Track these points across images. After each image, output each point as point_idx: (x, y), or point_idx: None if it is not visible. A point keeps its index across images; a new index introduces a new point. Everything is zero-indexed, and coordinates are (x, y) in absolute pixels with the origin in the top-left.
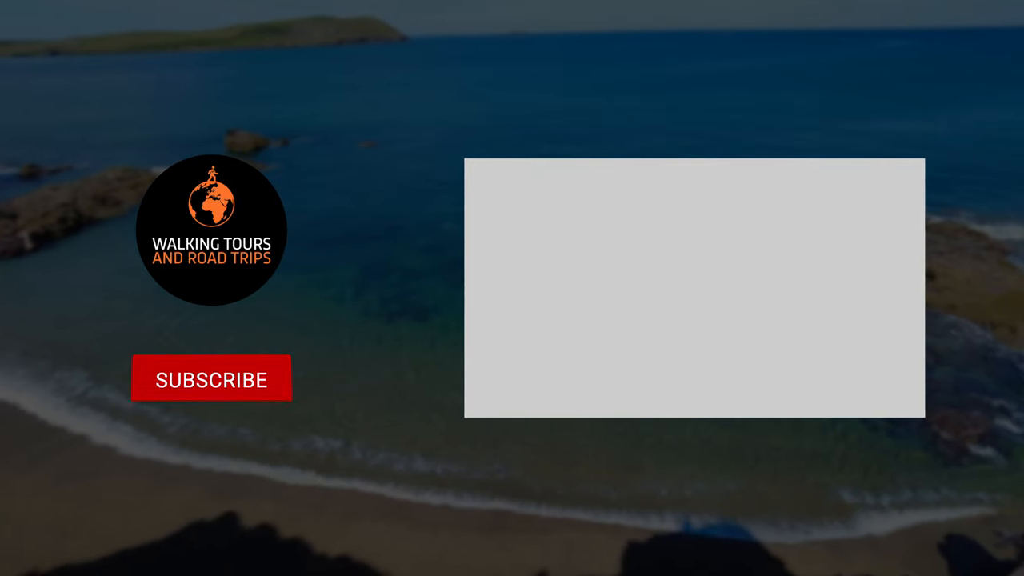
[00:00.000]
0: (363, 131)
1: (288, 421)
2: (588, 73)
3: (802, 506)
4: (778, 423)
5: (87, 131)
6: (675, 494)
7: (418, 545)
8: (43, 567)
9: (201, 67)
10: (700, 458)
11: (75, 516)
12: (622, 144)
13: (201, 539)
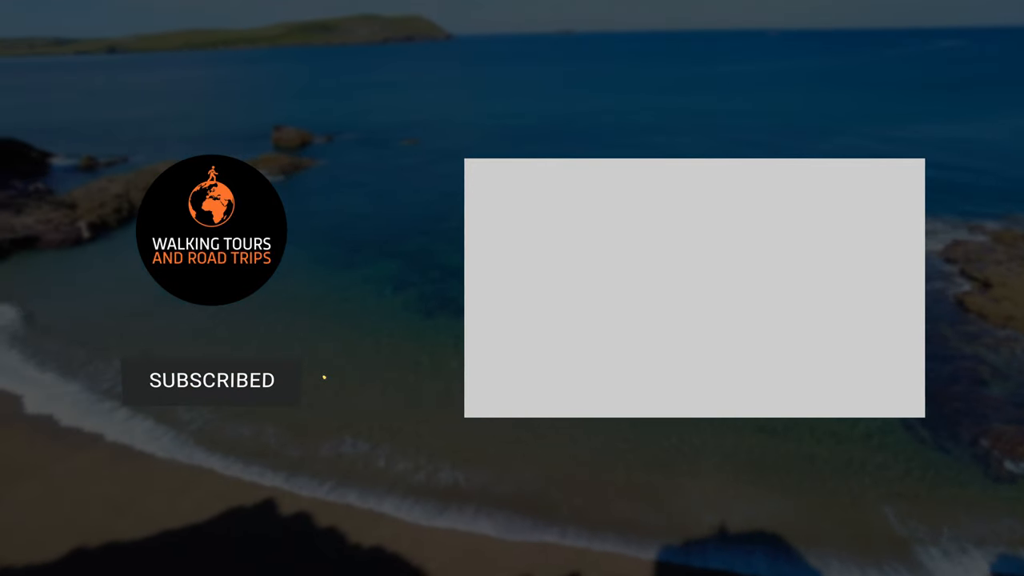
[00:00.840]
0: (406, 129)
1: (324, 418)
2: (648, 71)
3: (854, 538)
4: (815, 429)
5: (142, 125)
6: (716, 519)
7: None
8: (92, 543)
9: (251, 64)
10: (739, 472)
11: (125, 496)
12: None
13: (238, 526)
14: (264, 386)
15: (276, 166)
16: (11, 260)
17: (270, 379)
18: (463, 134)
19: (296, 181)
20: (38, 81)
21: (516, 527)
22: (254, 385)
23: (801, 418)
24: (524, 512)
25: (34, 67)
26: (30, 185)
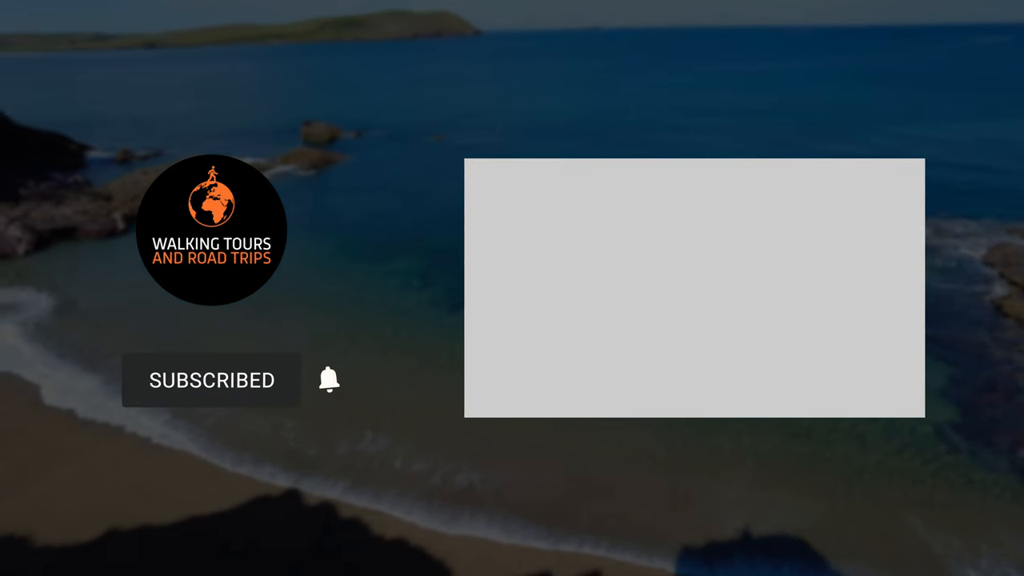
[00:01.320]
0: (433, 125)
1: (342, 415)
2: (677, 67)
3: (886, 552)
4: (844, 433)
5: (176, 120)
6: (741, 527)
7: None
8: (123, 526)
9: (283, 59)
10: (765, 477)
11: (154, 482)
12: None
13: (265, 511)
14: (264, 386)
15: (306, 161)
16: (51, 250)
17: (270, 379)
18: (490, 131)
19: (324, 176)
20: (79, 76)
21: (531, 533)
22: (254, 385)
23: (829, 422)
24: (540, 518)
25: (75, 62)
26: (69, 177)
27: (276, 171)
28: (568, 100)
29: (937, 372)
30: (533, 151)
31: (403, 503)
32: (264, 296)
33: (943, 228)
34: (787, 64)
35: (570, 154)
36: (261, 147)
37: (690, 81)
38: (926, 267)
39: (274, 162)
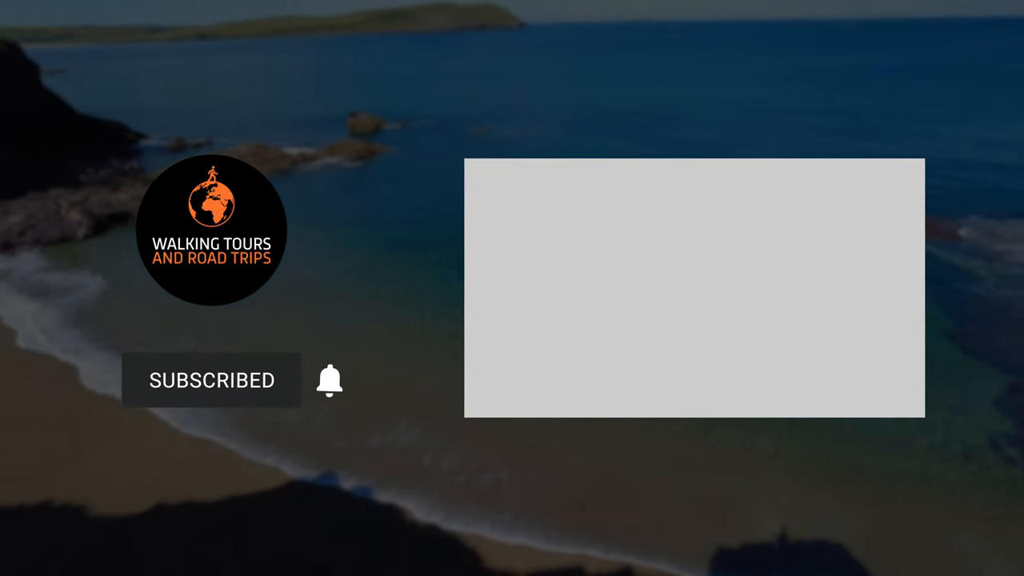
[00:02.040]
0: (477, 117)
1: (371, 408)
2: (723, 62)
3: (933, 571)
4: (880, 435)
5: (227, 109)
6: (778, 535)
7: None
8: (170, 502)
9: (331, 50)
10: (804, 483)
11: (201, 460)
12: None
13: (277, 512)
14: (264, 387)
15: (351, 152)
16: (108, 234)
17: (270, 379)
18: (531, 123)
19: (368, 167)
20: (135, 67)
21: (555, 536)
22: (254, 385)
23: (872, 427)
24: (567, 520)
25: (131, 54)
26: (126, 164)
27: (323, 162)
28: (611, 94)
29: (996, 382)
30: (574, 145)
31: (427, 501)
32: (306, 288)
33: (1006, 235)
34: (836, 59)
35: (611, 150)
36: (308, 137)
37: (735, 75)
38: (989, 274)
39: (320, 152)
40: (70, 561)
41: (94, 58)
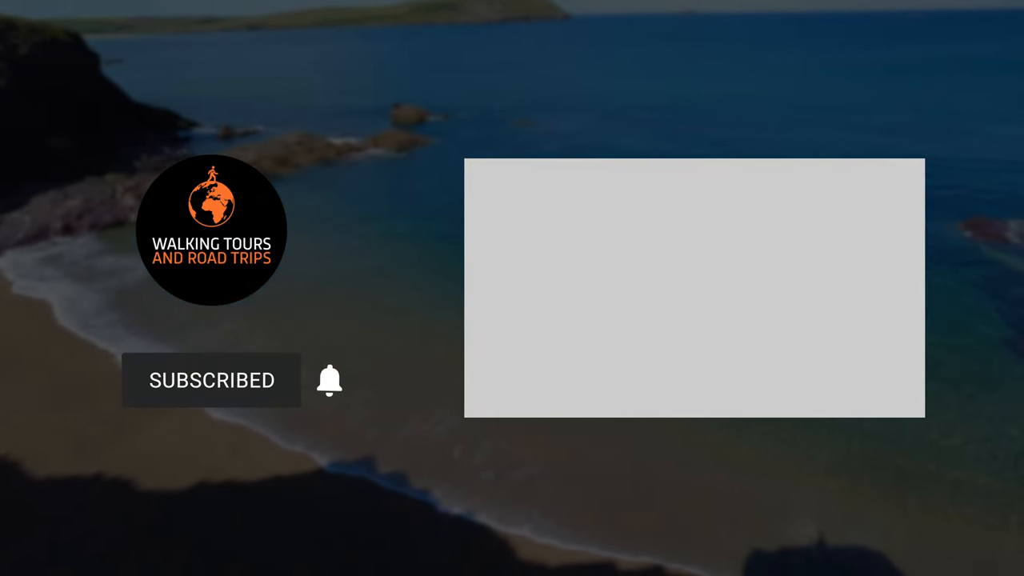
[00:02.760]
0: (519, 110)
1: (405, 399)
2: (774, 56)
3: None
4: (925, 442)
5: (274, 99)
6: (815, 542)
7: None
8: (213, 479)
9: (377, 41)
10: (841, 488)
11: (243, 441)
12: None
13: (313, 499)
14: (264, 387)
15: (394, 142)
16: None
17: (270, 379)
18: (572, 117)
19: (410, 157)
20: (188, 56)
21: (584, 536)
22: (254, 385)
23: (918, 432)
24: (597, 519)
25: (185, 44)
26: (177, 151)
27: (366, 152)
28: (656, 88)
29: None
30: (614, 139)
31: (455, 496)
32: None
33: None
34: (895, 52)
35: (650, 146)
36: (352, 127)
37: (787, 70)
38: None
39: (364, 143)
40: (119, 532)
41: (150, 48)
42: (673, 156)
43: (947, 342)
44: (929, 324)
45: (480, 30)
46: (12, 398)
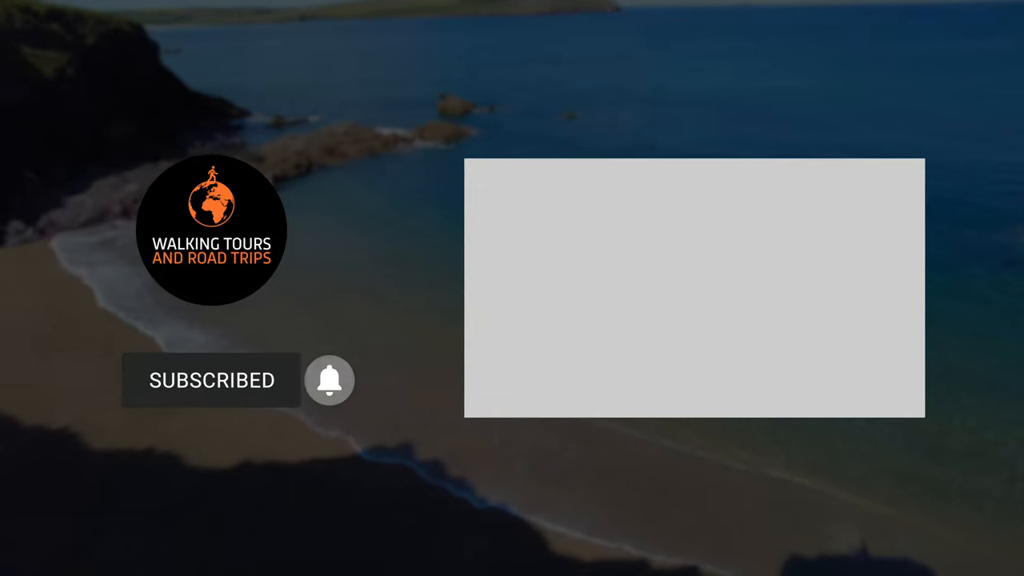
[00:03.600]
0: (565, 102)
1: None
2: (832, 49)
3: None
4: (978, 455)
5: (324, 89)
6: (862, 550)
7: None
8: (256, 459)
9: (426, 32)
10: (887, 494)
11: (288, 423)
12: None
13: (353, 485)
14: (264, 387)
15: (440, 134)
16: None
17: (270, 379)
18: (620, 110)
19: (455, 149)
20: (242, 46)
21: (619, 533)
22: (254, 385)
23: (970, 445)
24: (633, 517)
25: (240, 34)
26: (230, 139)
27: (413, 144)
28: (705, 82)
29: None
30: (659, 134)
31: (491, 487)
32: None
33: None
34: (968, 45)
35: (693, 142)
36: (400, 118)
37: (843, 64)
38: None
39: (411, 134)
40: (167, 503)
41: (207, 38)
42: (717, 154)
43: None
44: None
45: (529, 22)
46: (70, 374)
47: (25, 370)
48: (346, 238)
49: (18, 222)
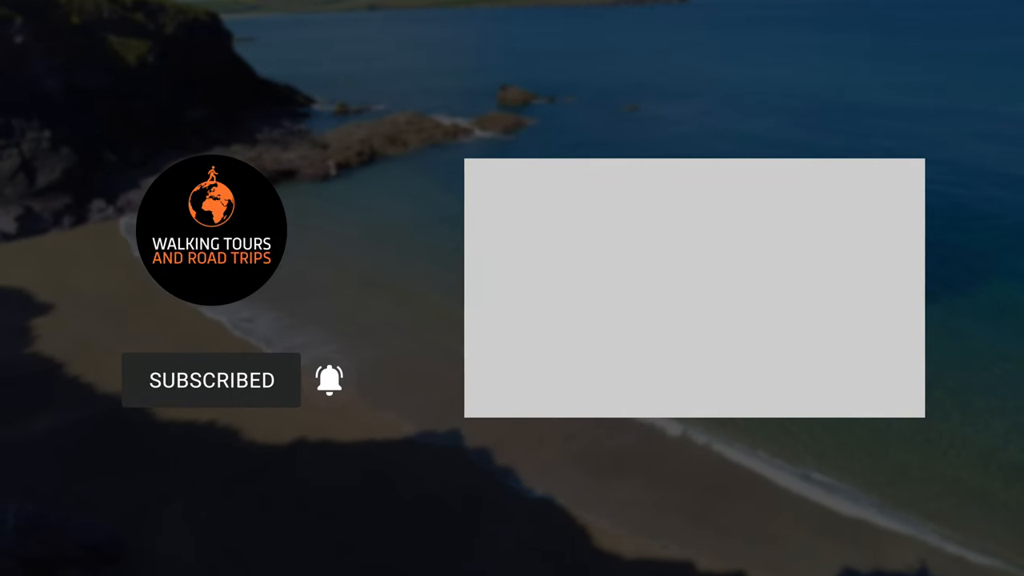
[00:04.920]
0: (628, 94)
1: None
2: (923, 44)
3: None
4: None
5: (388, 78)
6: (917, 570)
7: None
8: (311, 437)
9: (492, 22)
10: (944, 509)
11: (343, 402)
12: None
13: (423, 457)
14: (264, 386)
15: (500, 125)
16: (276, 188)
17: (270, 379)
18: (683, 103)
19: (513, 139)
20: (310, 35)
21: (662, 532)
22: (254, 385)
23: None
24: (682, 518)
25: (309, 23)
26: (296, 126)
27: (473, 135)
28: (774, 76)
29: None
30: (722, 129)
31: (539, 477)
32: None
33: None
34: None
35: (758, 137)
36: (461, 107)
37: (930, 59)
38: None
39: (470, 124)
40: (227, 473)
41: (278, 27)
42: (780, 152)
43: None
44: None
45: (594, 12)
46: (143, 344)
47: (104, 338)
48: (402, 233)
49: (100, 200)
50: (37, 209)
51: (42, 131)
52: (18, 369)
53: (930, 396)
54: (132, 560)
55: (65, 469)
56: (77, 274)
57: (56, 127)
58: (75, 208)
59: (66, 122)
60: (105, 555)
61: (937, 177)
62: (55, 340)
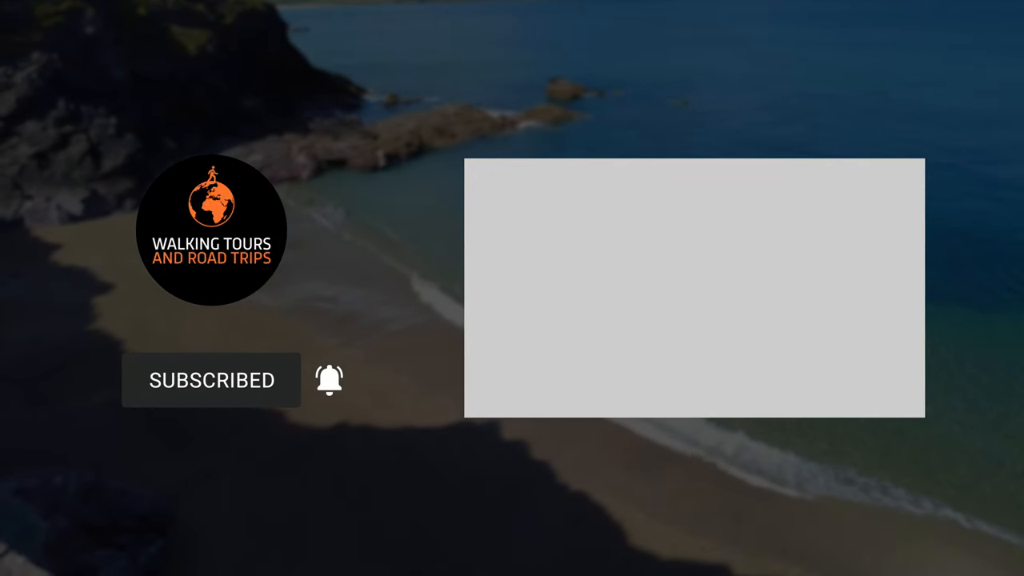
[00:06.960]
0: (679, 89)
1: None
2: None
3: None
4: None
5: (439, 69)
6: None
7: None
8: (352, 422)
9: (543, 14)
10: (994, 524)
11: (388, 388)
12: None
13: (467, 439)
14: (264, 386)
15: (548, 117)
16: (327, 176)
17: (270, 379)
18: (734, 99)
19: (561, 132)
20: (363, 26)
21: (700, 530)
22: (254, 385)
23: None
24: (720, 521)
25: (362, 14)
26: (347, 116)
27: (521, 127)
28: (830, 74)
29: None
30: (772, 127)
31: (578, 470)
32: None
33: None
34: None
35: (800, 136)
36: (510, 100)
37: (990, 56)
38: None
39: (519, 117)
40: (269, 455)
41: (331, 18)
42: (829, 153)
43: None
44: None
45: (647, 6)
46: (197, 328)
47: (160, 319)
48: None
49: None
50: (102, 192)
51: (108, 117)
52: (82, 344)
53: (930, 396)
54: (181, 530)
55: (122, 442)
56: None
57: (121, 114)
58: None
59: (130, 109)
60: (155, 524)
61: (937, 177)
62: (116, 318)
